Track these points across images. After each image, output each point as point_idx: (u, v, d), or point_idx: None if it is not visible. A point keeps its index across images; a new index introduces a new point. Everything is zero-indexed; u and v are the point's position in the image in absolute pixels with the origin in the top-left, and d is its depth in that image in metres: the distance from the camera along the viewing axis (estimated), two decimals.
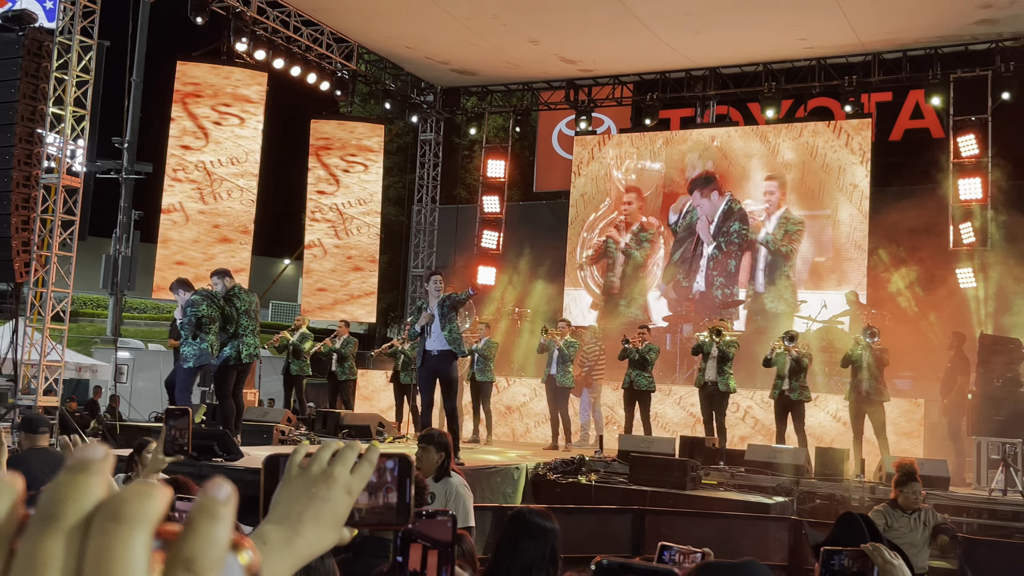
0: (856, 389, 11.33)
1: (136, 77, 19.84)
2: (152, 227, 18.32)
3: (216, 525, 0.63)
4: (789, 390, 11.59)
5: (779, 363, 11.68)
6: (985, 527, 9.57)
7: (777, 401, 11.78)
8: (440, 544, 1.35)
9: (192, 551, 0.62)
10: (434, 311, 9.71)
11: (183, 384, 9.88)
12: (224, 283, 9.94)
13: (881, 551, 2.65)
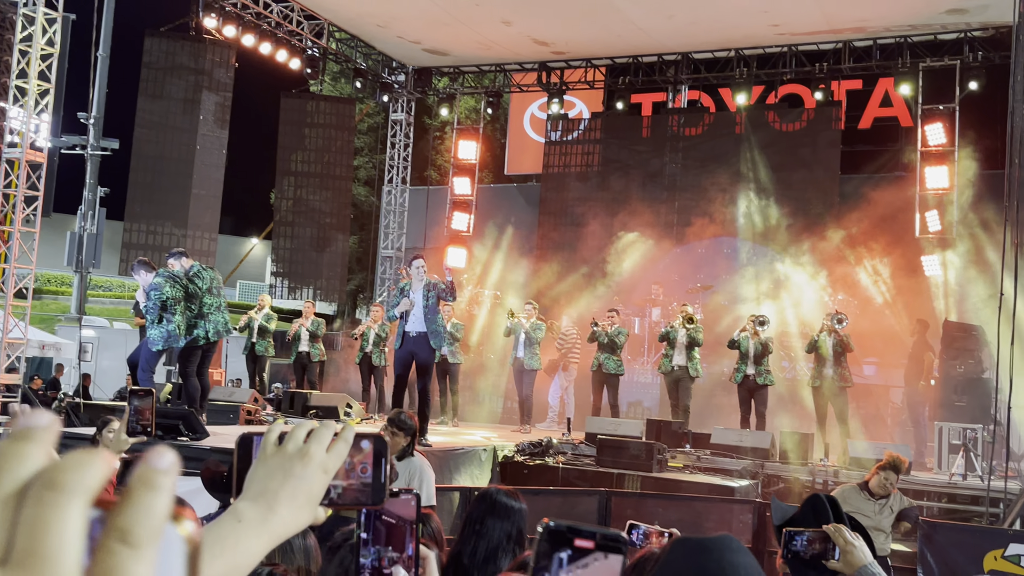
0: (820, 375, 11.45)
1: (103, 51, 19.53)
2: (118, 204, 18.12)
3: (154, 495, 0.61)
4: (755, 374, 11.69)
5: (744, 346, 11.77)
6: (945, 511, 9.72)
7: (741, 385, 11.87)
8: (405, 521, 1.34)
9: (128, 521, 0.59)
10: (416, 298, 9.65)
11: (146, 364, 9.76)
12: (182, 263, 9.82)
13: (842, 532, 2.68)
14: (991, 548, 7.05)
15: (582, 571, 0.95)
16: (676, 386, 12.31)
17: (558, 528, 0.94)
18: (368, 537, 1.34)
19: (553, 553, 0.94)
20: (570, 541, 0.94)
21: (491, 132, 22.08)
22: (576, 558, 0.94)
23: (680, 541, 1.25)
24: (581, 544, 0.94)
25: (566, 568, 0.95)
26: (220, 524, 1.04)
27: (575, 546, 0.94)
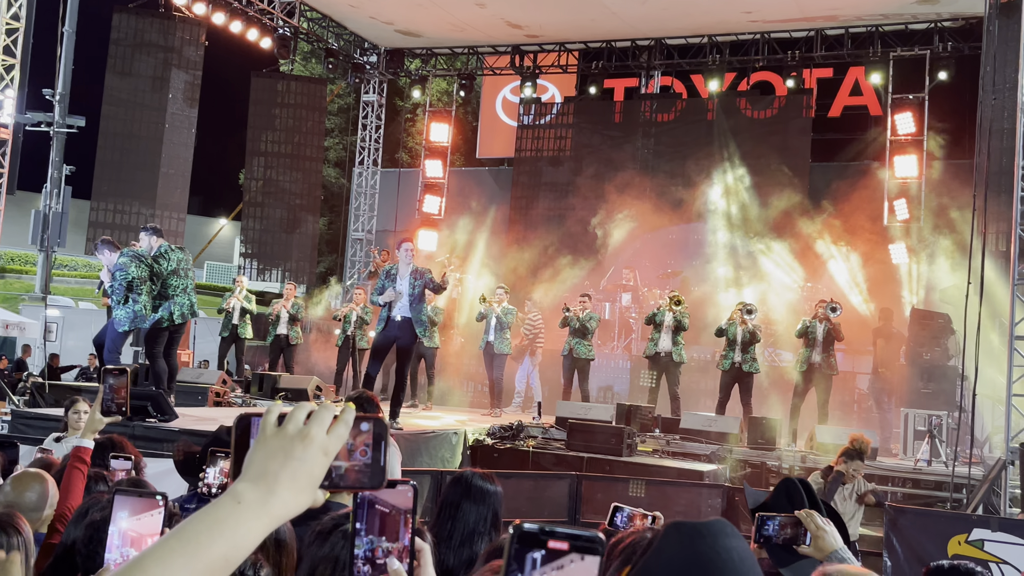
0: (808, 360, 11.45)
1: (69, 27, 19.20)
2: (85, 182, 17.87)
3: None
4: (742, 361, 11.72)
5: (732, 333, 11.77)
6: (910, 496, 9.85)
7: (727, 372, 11.87)
8: (400, 511, 1.33)
9: None
10: (403, 284, 9.62)
11: (113, 345, 9.63)
12: (151, 241, 9.68)
13: (814, 517, 2.70)
14: (955, 533, 7.16)
15: (556, 572, 0.94)
16: (663, 371, 12.32)
17: (530, 531, 0.93)
18: (362, 527, 1.32)
19: (525, 554, 0.93)
20: (543, 543, 0.93)
21: (463, 115, 21.99)
22: (550, 559, 0.94)
23: (674, 526, 1.25)
24: (555, 546, 0.94)
25: (539, 569, 0.94)
26: (219, 505, 1.03)
27: (548, 548, 0.93)
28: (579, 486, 8.43)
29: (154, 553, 0.96)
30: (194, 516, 1.02)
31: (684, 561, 1.18)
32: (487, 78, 20.96)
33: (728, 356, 11.81)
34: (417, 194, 19.75)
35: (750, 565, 1.19)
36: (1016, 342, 9.11)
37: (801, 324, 11.75)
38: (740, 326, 11.73)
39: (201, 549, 0.98)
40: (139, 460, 4.22)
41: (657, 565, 1.20)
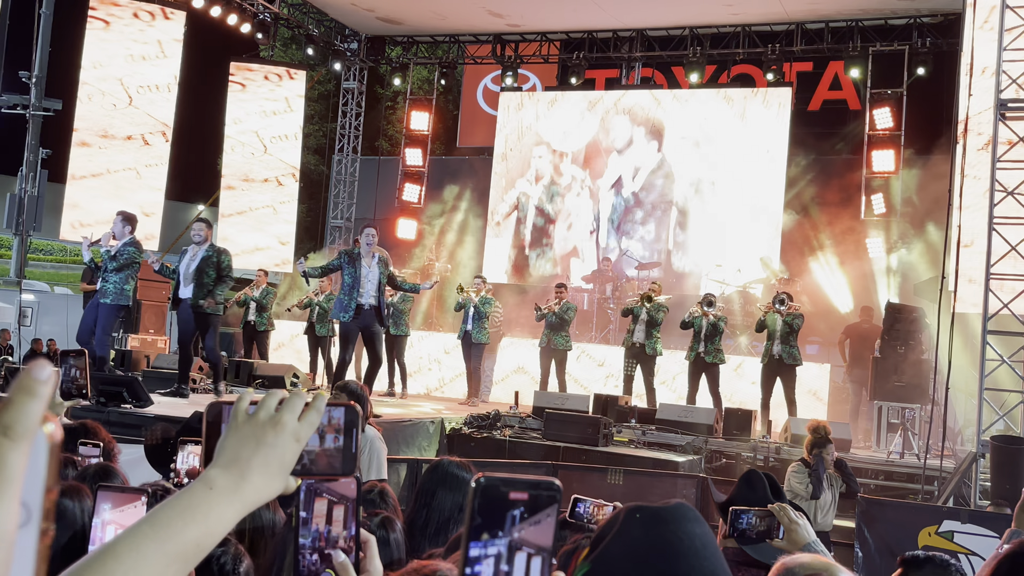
0: (769, 353, 11.58)
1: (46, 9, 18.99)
2: (60, 166, 17.70)
3: (33, 400, 0.76)
4: (704, 352, 11.82)
5: (696, 326, 11.89)
6: (882, 488, 9.94)
7: (693, 363, 12.00)
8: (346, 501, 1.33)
9: (10, 418, 0.75)
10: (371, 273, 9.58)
11: (107, 325, 9.62)
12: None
13: (787, 511, 2.74)
14: (926, 524, 7.25)
15: (534, 528, 0.96)
16: (636, 363, 12.40)
17: (491, 483, 0.95)
18: (307, 517, 1.32)
19: (492, 510, 0.94)
20: (505, 495, 0.95)
21: (444, 104, 21.93)
22: (528, 515, 0.95)
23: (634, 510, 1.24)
24: (516, 496, 0.95)
25: (518, 526, 0.95)
26: (192, 491, 1.04)
27: (510, 499, 0.95)
28: (555, 475, 8.45)
29: (126, 538, 0.97)
30: (166, 502, 1.03)
31: (645, 546, 1.18)
32: (468, 67, 20.91)
33: (693, 348, 11.94)
34: (397, 182, 19.70)
35: (712, 550, 1.20)
36: (988, 336, 9.20)
37: (758, 320, 11.91)
38: (703, 318, 11.83)
39: (173, 534, 0.99)
40: (112, 446, 4.19)
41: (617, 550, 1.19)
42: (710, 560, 1.18)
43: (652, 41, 18.03)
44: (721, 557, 1.21)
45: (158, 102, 16.47)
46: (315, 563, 1.30)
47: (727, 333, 13.16)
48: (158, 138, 16.50)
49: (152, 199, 16.42)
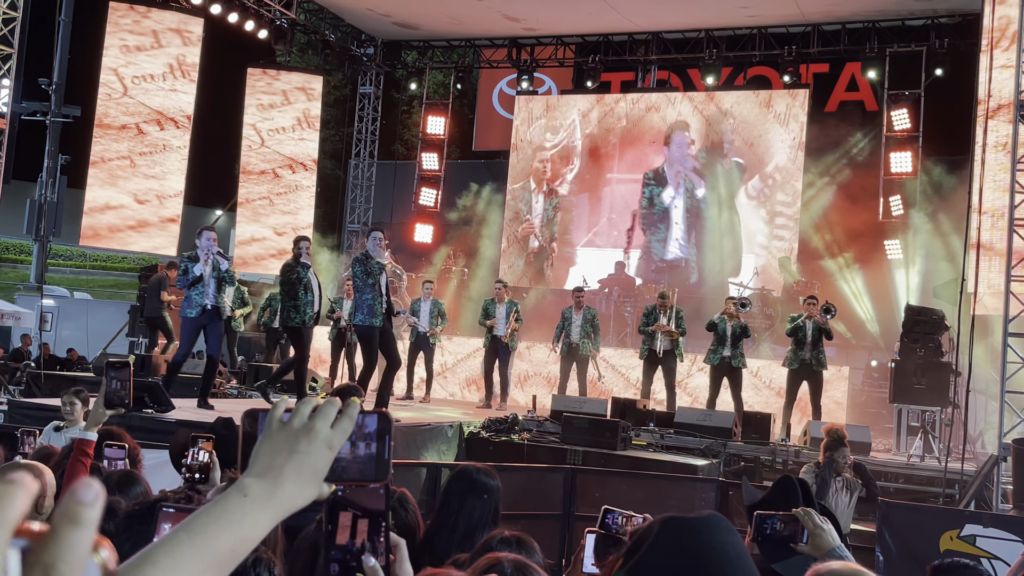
0: (800, 358, 11.41)
1: (65, 17, 19.17)
2: (80, 172, 17.83)
3: (79, 531, 0.65)
4: (731, 357, 11.70)
5: (722, 328, 11.75)
6: (902, 491, 9.89)
7: (716, 367, 11.83)
8: (374, 512, 1.35)
9: (53, 556, 0.64)
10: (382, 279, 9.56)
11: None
12: None
13: (812, 515, 2.73)
14: (947, 528, 7.20)
15: None
16: (657, 366, 12.32)
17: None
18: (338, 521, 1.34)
19: None
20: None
21: (459, 108, 21.98)
22: None
23: (668, 520, 1.26)
24: None
25: None
26: (227, 499, 1.06)
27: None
28: (574, 479, 8.45)
29: (163, 545, 0.99)
30: (202, 509, 1.05)
31: (678, 556, 1.20)
32: (484, 71, 20.95)
33: (717, 351, 11.79)
34: (413, 186, 19.75)
35: (744, 560, 1.21)
36: (1009, 339, 9.15)
37: (791, 322, 11.71)
38: (730, 321, 11.72)
39: (209, 541, 1.01)
40: (136, 452, 4.23)
41: (653, 561, 1.21)
42: (743, 570, 1.20)
43: (668, 43, 18.02)
44: (753, 566, 1.22)
45: (176, 108, 16.56)
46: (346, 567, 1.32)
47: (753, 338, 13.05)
48: (177, 143, 16.59)
49: (171, 205, 16.52)
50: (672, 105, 17.93)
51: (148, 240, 16.30)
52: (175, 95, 16.55)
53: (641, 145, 18.01)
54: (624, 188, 18.16)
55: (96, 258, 34.12)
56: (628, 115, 18.17)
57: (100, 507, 0.68)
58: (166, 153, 16.45)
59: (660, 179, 17.76)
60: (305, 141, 18.61)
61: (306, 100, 18.65)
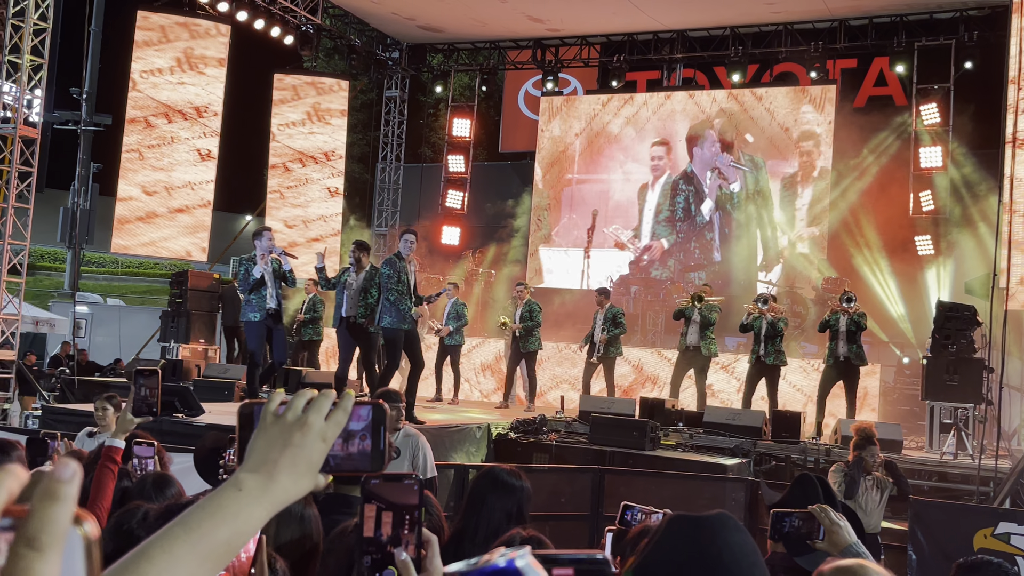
0: (835, 354, 11.33)
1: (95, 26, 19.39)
2: (111, 180, 18.04)
3: (57, 505, 0.71)
4: (765, 355, 11.58)
5: (755, 327, 11.67)
6: (936, 489, 9.79)
7: (753, 365, 11.70)
8: (407, 507, 1.36)
9: (34, 529, 0.70)
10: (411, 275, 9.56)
11: None
12: None
13: (828, 512, 2.73)
14: (981, 526, 7.12)
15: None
16: (689, 365, 12.25)
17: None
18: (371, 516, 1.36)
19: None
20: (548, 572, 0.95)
21: (485, 109, 22.02)
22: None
23: (675, 519, 1.26)
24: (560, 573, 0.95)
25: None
26: (222, 493, 1.07)
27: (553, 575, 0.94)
28: (602, 480, 8.44)
29: (159, 541, 1.00)
30: (197, 504, 1.06)
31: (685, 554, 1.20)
32: (509, 72, 20.98)
33: (754, 350, 11.68)
34: (440, 189, 19.80)
35: (751, 559, 1.21)
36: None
37: (823, 319, 11.62)
38: (762, 318, 11.62)
39: (204, 536, 1.02)
40: (163, 455, 4.26)
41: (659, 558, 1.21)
42: (747, 569, 1.19)
43: (693, 42, 17.95)
44: (762, 564, 1.22)
45: (204, 114, 16.71)
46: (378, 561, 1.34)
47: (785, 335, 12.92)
48: (206, 148, 16.73)
49: (201, 211, 16.67)
50: (699, 103, 17.85)
51: (156, 231, 16.39)
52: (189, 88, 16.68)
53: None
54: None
55: (128, 264, 34.48)
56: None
57: (78, 484, 0.73)
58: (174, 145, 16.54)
59: (689, 180, 17.69)
60: (315, 135, 18.68)
61: (316, 94, 18.71)
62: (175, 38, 16.48)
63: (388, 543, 1.35)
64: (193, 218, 16.59)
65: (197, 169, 16.65)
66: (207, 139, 16.74)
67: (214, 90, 16.80)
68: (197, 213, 16.63)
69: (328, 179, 18.79)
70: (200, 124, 16.63)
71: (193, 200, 16.64)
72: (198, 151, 16.66)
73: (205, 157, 16.72)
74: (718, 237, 17.38)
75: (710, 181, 17.51)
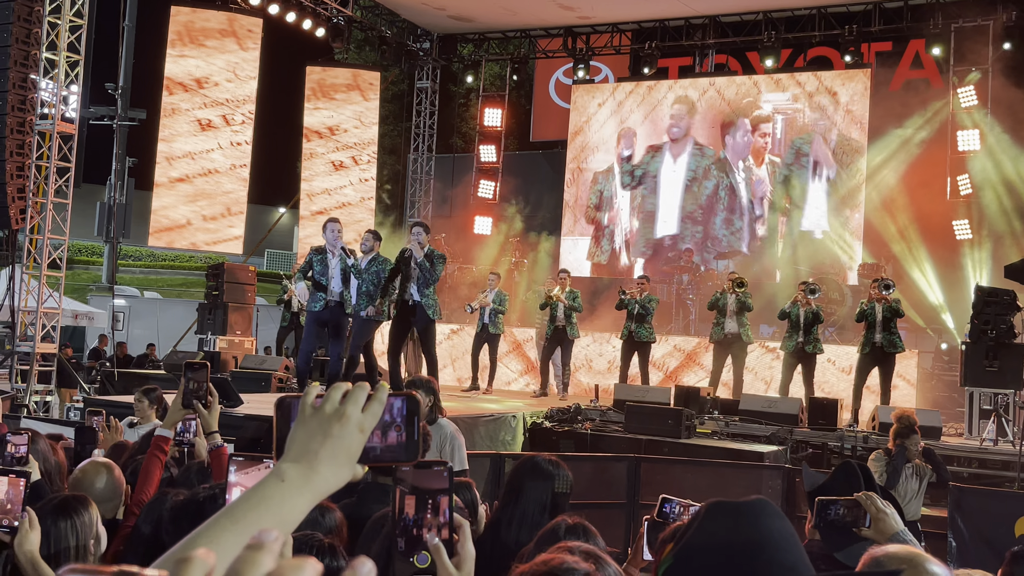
0: (871, 342, 11.23)
1: (129, 21, 19.59)
2: (146, 174, 18.23)
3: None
4: (805, 343, 11.51)
5: (794, 315, 11.61)
6: (975, 476, 9.69)
7: (790, 354, 11.65)
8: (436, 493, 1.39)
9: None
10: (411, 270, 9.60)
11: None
12: None
13: (874, 500, 2.71)
14: (1022, 513, 7.05)
15: None
16: (727, 352, 12.20)
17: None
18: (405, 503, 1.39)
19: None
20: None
21: (516, 99, 21.99)
22: None
23: (715, 505, 1.26)
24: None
25: None
26: (265, 484, 1.10)
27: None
28: (638, 468, 8.43)
29: (206, 532, 1.03)
30: (242, 496, 1.09)
31: (725, 541, 1.20)
32: (540, 61, 20.93)
33: (792, 337, 11.62)
34: (472, 179, 19.82)
35: (791, 543, 1.21)
36: None
37: (859, 308, 11.52)
38: (803, 307, 11.54)
39: (250, 527, 1.04)
40: None
41: (698, 544, 1.22)
42: (790, 552, 1.20)
43: (725, 27, 17.80)
44: (801, 550, 1.22)
45: (238, 107, 16.84)
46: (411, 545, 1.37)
47: None
48: (240, 141, 16.87)
49: (236, 203, 16.81)
50: (736, 89, 17.72)
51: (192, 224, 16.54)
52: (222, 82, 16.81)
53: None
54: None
55: (164, 258, 34.86)
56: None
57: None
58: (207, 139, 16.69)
59: (722, 166, 17.59)
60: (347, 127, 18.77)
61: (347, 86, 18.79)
62: (208, 32, 16.61)
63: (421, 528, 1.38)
64: (228, 211, 16.74)
65: (231, 162, 16.80)
66: (241, 132, 16.88)
67: (247, 83, 16.92)
68: (232, 206, 16.78)
69: (360, 171, 18.87)
70: (233, 117, 16.76)
71: (228, 193, 16.79)
72: (231, 144, 16.80)
73: (239, 150, 16.86)
74: (747, 224, 17.26)
75: (742, 170, 17.39)
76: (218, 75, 16.75)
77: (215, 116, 16.69)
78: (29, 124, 12.14)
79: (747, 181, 17.35)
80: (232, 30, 16.79)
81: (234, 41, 16.81)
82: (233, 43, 16.81)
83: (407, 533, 1.38)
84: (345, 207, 18.64)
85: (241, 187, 16.90)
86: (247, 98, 16.96)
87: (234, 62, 16.82)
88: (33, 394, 11.77)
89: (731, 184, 17.47)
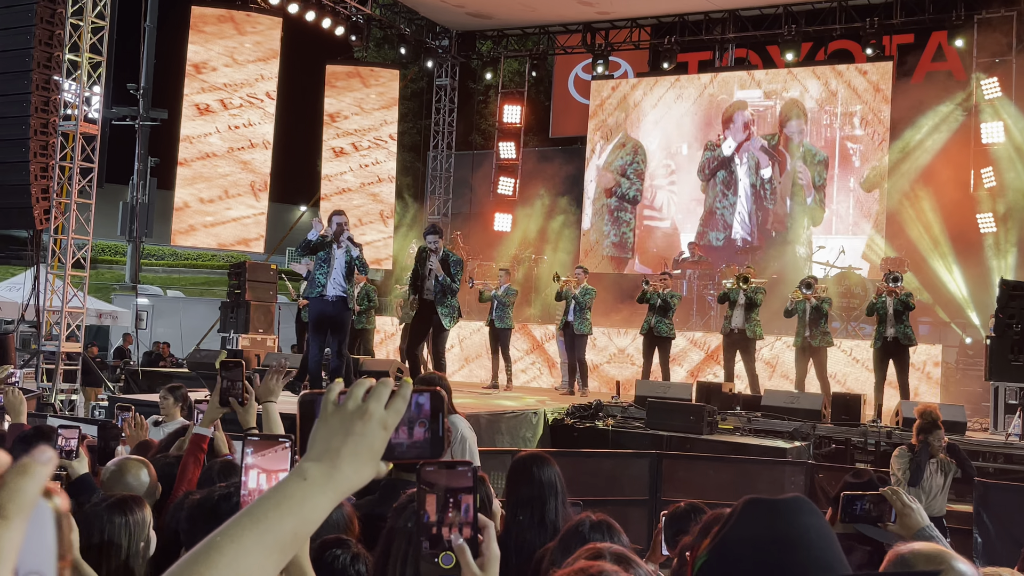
0: (882, 336, 11.19)
1: (150, 22, 19.70)
2: (168, 174, 18.33)
3: (27, 480, 0.77)
4: (810, 336, 11.53)
5: (799, 311, 11.60)
6: (1001, 471, 9.60)
7: (800, 348, 11.70)
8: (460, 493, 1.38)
9: (3, 499, 0.76)
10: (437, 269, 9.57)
11: None
12: None
13: (900, 495, 2.69)
14: None
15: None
16: (736, 348, 12.18)
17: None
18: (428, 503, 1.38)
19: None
20: None
21: (535, 95, 21.97)
22: None
23: (752, 501, 1.25)
24: None
25: None
26: (287, 483, 1.09)
27: None
28: (659, 464, 8.41)
29: (227, 531, 1.02)
30: (264, 495, 1.08)
31: (762, 537, 1.19)
32: (559, 57, 20.90)
33: (799, 332, 11.59)
34: (491, 176, 19.82)
35: (828, 541, 1.20)
36: None
37: (869, 302, 11.46)
38: (805, 302, 11.50)
39: (272, 526, 1.04)
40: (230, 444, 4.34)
41: (735, 540, 1.21)
42: (827, 550, 1.19)
43: (745, 21, 17.72)
44: (838, 549, 1.21)
45: (259, 106, 16.91)
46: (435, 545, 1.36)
47: (832, 316, 12.75)
48: (261, 139, 16.94)
49: (257, 202, 16.89)
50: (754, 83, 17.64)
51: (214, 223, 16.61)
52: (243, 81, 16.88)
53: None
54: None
55: (187, 257, 35.06)
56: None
57: (51, 466, 0.79)
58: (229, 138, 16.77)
59: (726, 163, 17.51)
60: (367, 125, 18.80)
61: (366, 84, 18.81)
62: (228, 32, 16.69)
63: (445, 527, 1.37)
64: (250, 209, 16.82)
65: (252, 161, 16.87)
66: (262, 130, 16.95)
67: (268, 82, 16.99)
68: (254, 204, 16.85)
69: (381, 168, 18.91)
70: (254, 116, 16.83)
71: (249, 191, 16.87)
72: (252, 143, 16.87)
73: (260, 148, 16.93)
74: (755, 219, 17.17)
75: (744, 162, 17.31)
76: (238, 74, 16.80)
77: (236, 115, 16.74)
78: (52, 125, 12.24)
79: (747, 176, 17.25)
80: (252, 29, 16.84)
81: (254, 40, 16.88)
82: (253, 42, 16.87)
83: (430, 533, 1.38)
84: (365, 203, 18.67)
85: (262, 185, 16.95)
86: (268, 97, 17.00)
87: (254, 61, 16.88)
88: (58, 393, 11.88)
89: (732, 178, 17.37)
